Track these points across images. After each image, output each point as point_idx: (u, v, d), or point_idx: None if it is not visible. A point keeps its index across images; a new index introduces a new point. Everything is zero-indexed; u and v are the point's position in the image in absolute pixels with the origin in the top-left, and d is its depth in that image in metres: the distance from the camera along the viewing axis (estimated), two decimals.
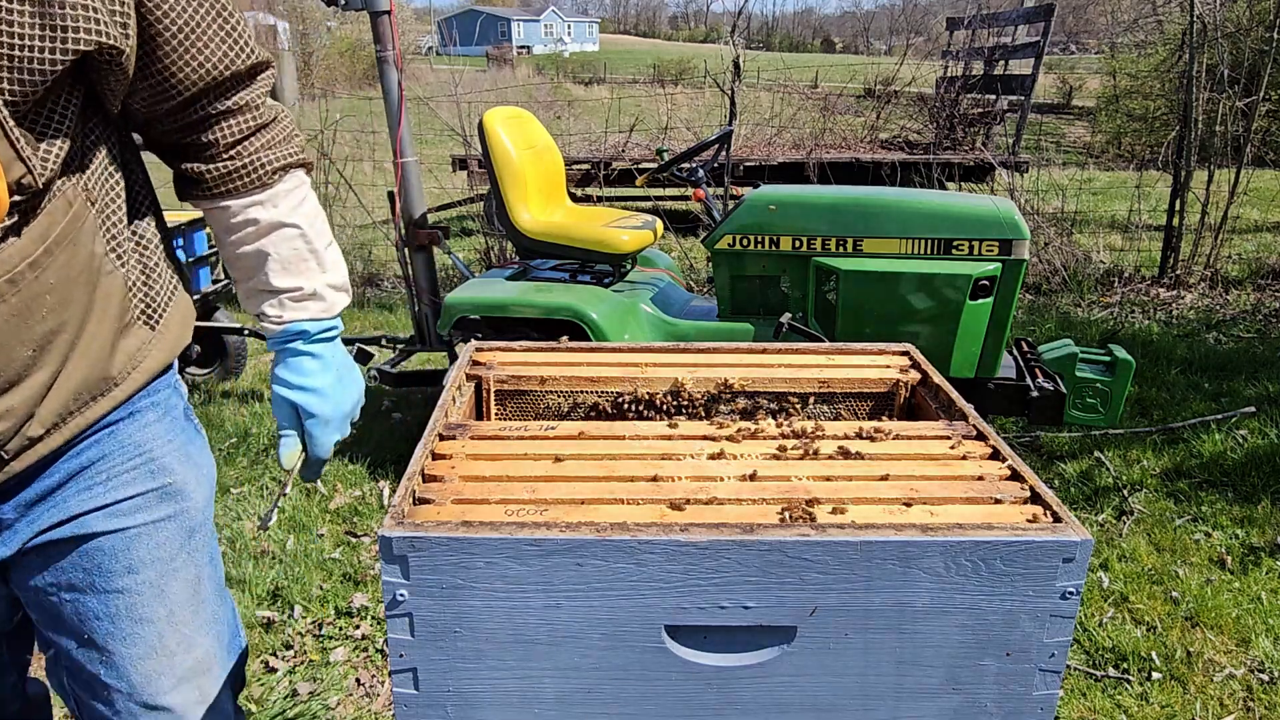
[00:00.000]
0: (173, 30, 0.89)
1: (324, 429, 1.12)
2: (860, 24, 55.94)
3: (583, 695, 0.79)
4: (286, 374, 1.09)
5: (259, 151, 1.02)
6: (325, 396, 1.10)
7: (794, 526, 0.76)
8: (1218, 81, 5.83)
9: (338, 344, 1.13)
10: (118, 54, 0.84)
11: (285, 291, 1.06)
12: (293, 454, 1.11)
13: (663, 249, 4.69)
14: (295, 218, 1.06)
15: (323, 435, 1.12)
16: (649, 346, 1.25)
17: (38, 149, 0.82)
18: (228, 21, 0.94)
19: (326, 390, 1.10)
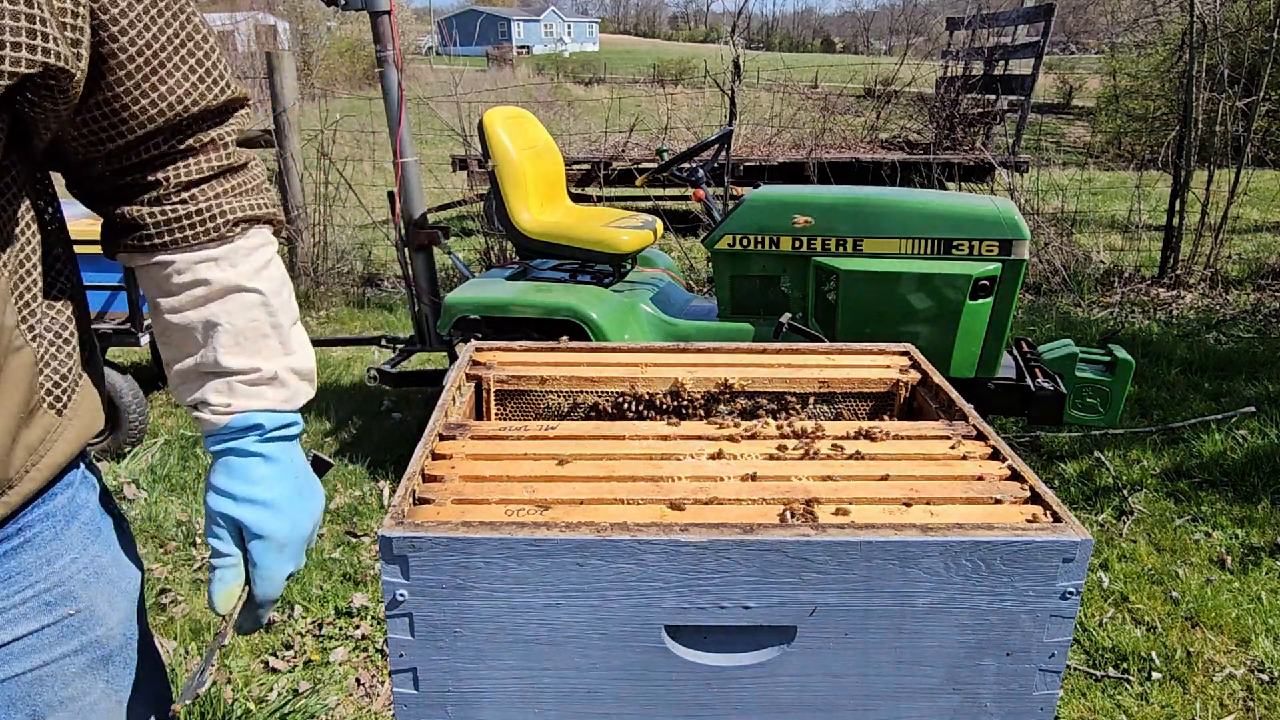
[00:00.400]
0: (132, 53, 0.72)
1: (276, 556, 0.85)
2: (860, 24, 55.90)
3: (583, 695, 0.79)
4: (229, 482, 0.84)
5: (220, 198, 0.82)
6: (280, 512, 0.85)
7: (794, 526, 0.76)
8: (1218, 81, 5.83)
9: (296, 446, 0.89)
10: (65, 78, 0.68)
11: (237, 373, 0.83)
12: (231, 591, 0.85)
13: (663, 249, 4.70)
14: (257, 282, 0.83)
15: (274, 565, 0.86)
16: (649, 346, 1.25)
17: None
18: (200, 47, 0.78)
19: (281, 504, 0.85)
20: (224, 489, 0.84)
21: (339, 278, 6.02)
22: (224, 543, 0.84)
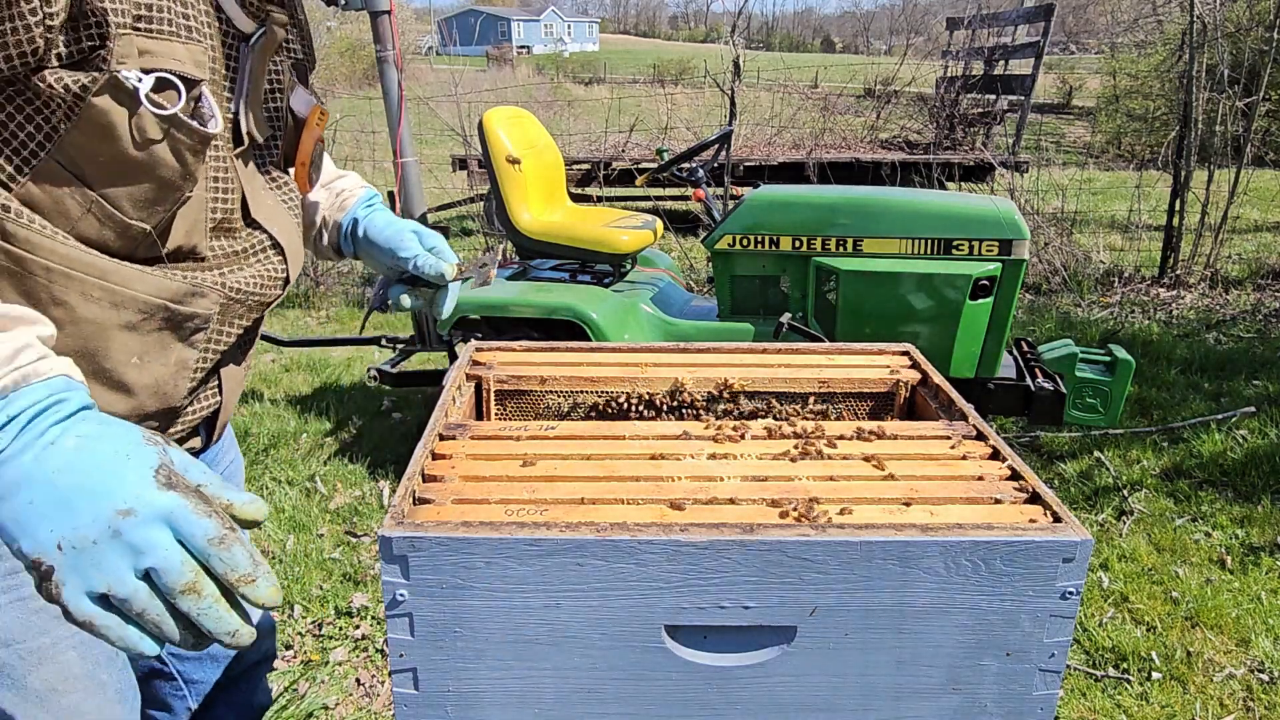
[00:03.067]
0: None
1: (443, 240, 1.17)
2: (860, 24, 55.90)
3: (583, 695, 0.79)
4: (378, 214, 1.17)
5: None
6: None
7: (794, 526, 0.76)
8: (1218, 81, 5.83)
9: None
10: None
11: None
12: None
13: (663, 249, 4.70)
14: None
15: (444, 244, 1.17)
16: (649, 346, 1.25)
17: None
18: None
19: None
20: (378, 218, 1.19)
21: (339, 278, 6.02)
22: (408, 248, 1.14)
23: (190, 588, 0.60)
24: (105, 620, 0.60)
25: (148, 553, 0.60)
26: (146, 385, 0.89)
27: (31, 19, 0.69)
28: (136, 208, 0.82)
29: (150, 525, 0.60)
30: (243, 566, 0.61)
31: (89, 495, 0.60)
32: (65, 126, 0.76)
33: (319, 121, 1.02)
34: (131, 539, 0.59)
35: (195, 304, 0.89)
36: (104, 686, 0.96)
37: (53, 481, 0.60)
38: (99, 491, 0.60)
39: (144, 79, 0.76)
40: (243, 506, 0.65)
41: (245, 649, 1.23)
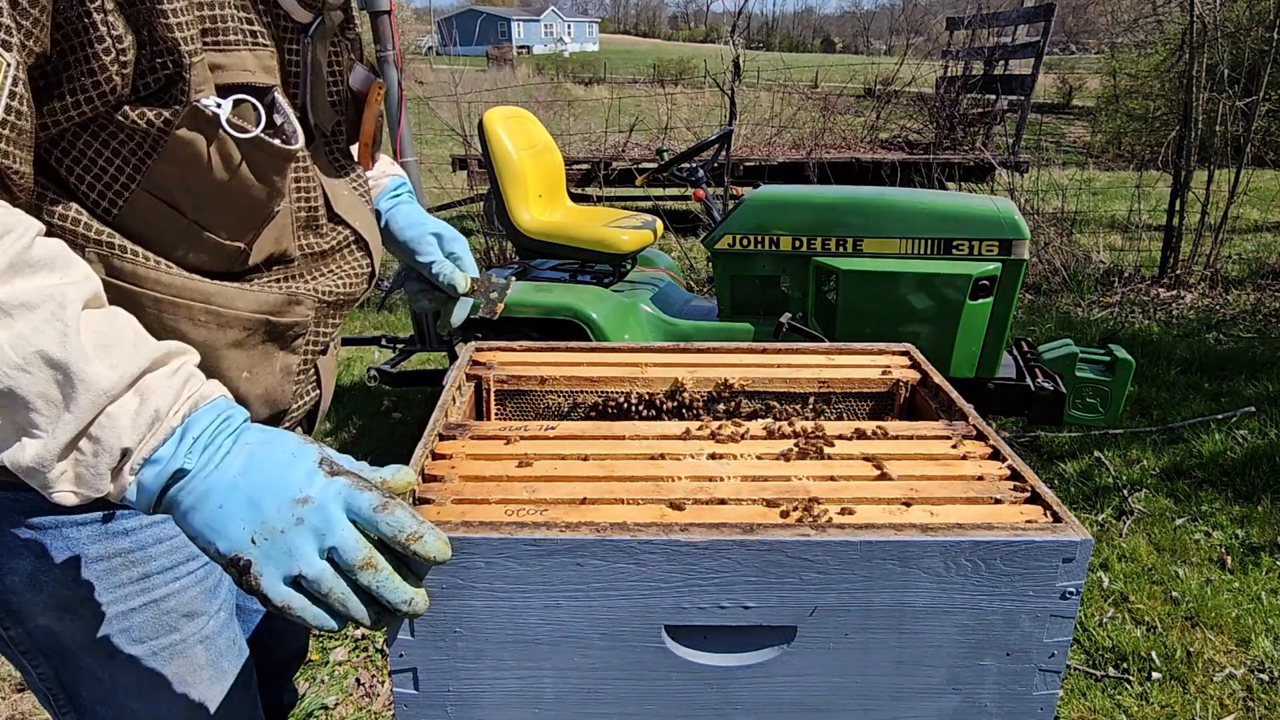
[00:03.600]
0: None
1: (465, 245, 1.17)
2: (860, 24, 55.89)
3: (582, 695, 0.79)
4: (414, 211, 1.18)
5: None
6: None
7: (794, 526, 0.76)
8: (1218, 81, 5.83)
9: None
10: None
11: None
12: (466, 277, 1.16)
13: (663, 249, 4.70)
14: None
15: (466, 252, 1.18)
16: (649, 346, 1.25)
17: None
18: None
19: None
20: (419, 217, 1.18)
21: None
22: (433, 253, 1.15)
23: (367, 563, 0.67)
24: (299, 602, 0.67)
25: (328, 533, 0.67)
26: (258, 395, 0.93)
27: (106, 58, 0.71)
28: (230, 229, 0.85)
29: (326, 507, 0.67)
30: (409, 526, 0.68)
31: (270, 491, 0.67)
32: (153, 159, 0.77)
33: (377, 97, 1.02)
34: (313, 521, 0.67)
35: (294, 313, 0.92)
36: (226, 674, 1.05)
37: (236, 485, 0.68)
38: (278, 486, 0.67)
39: (222, 104, 0.78)
40: (393, 479, 0.73)
41: (279, 644, 1.30)
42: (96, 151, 0.77)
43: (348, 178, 1.03)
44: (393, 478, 0.74)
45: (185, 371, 0.72)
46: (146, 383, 0.69)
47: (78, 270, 0.69)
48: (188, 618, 0.99)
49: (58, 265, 0.68)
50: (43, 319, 0.64)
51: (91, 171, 0.77)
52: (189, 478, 0.68)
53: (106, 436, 0.66)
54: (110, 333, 0.68)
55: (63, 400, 0.65)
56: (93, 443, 0.67)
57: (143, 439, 0.67)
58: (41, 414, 0.65)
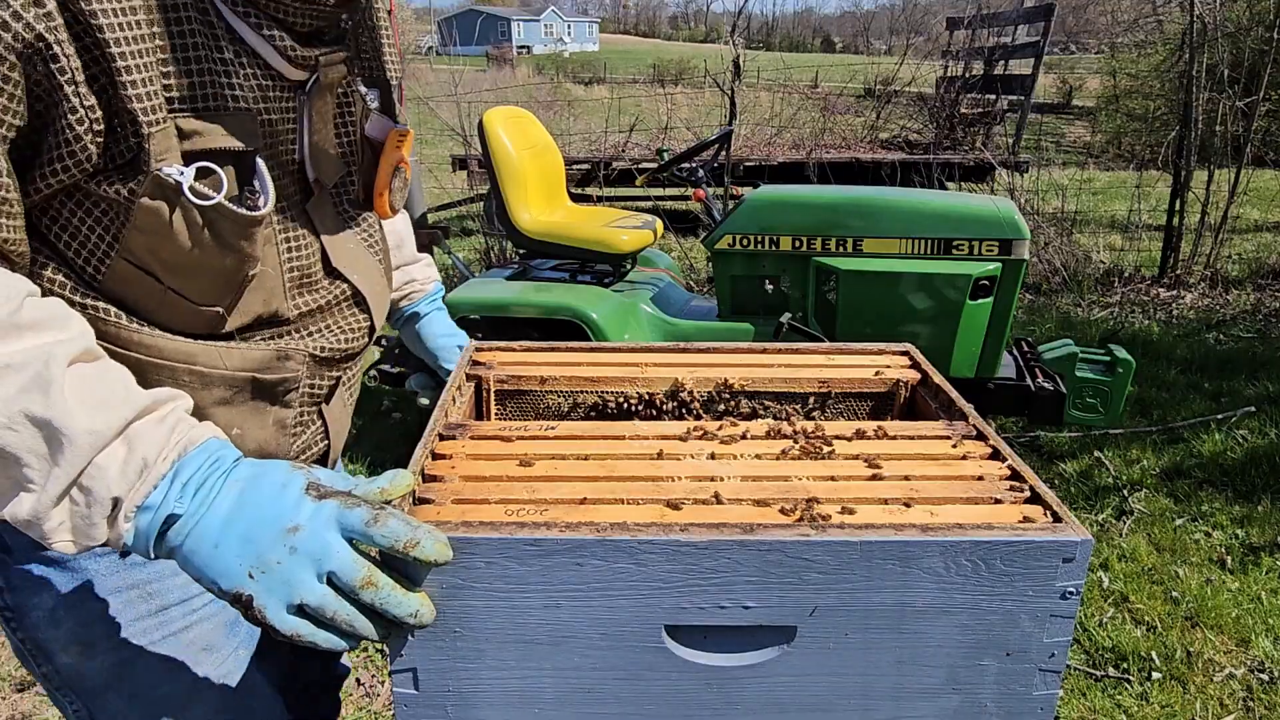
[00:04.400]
0: None
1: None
2: (860, 24, 55.89)
3: (582, 695, 0.79)
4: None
5: None
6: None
7: (794, 526, 0.76)
8: (1218, 81, 5.83)
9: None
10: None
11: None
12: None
13: (663, 249, 4.69)
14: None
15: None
16: (649, 346, 1.25)
17: None
18: None
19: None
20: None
21: None
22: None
23: (367, 581, 0.67)
24: (308, 629, 0.68)
25: (324, 557, 0.67)
26: (252, 451, 0.93)
27: (80, 128, 0.73)
28: (203, 294, 0.85)
29: (319, 533, 0.67)
30: (404, 534, 0.67)
31: (261, 524, 0.68)
32: (125, 228, 0.79)
33: (398, 144, 1.01)
34: (307, 549, 0.67)
35: (283, 368, 0.93)
36: (252, 712, 1.05)
37: (230, 523, 0.68)
38: (268, 519, 0.68)
39: (185, 172, 0.78)
40: (391, 485, 0.74)
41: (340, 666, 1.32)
42: (80, 219, 0.79)
43: (354, 229, 1.02)
44: (390, 484, 0.74)
45: (174, 418, 0.72)
46: (134, 430, 0.70)
47: (71, 328, 0.71)
48: (206, 651, 0.99)
49: (49, 325, 0.69)
50: (28, 379, 0.66)
51: (77, 238, 0.80)
52: (182, 522, 0.69)
53: (97, 487, 0.67)
54: (98, 386, 0.69)
55: (50, 455, 0.66)
56: (84, 493, 0.68)
57: (132, 487, 0.68)
58: (33, 468, 0.66)
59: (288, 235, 0.91)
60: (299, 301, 0.94)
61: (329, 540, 0.67)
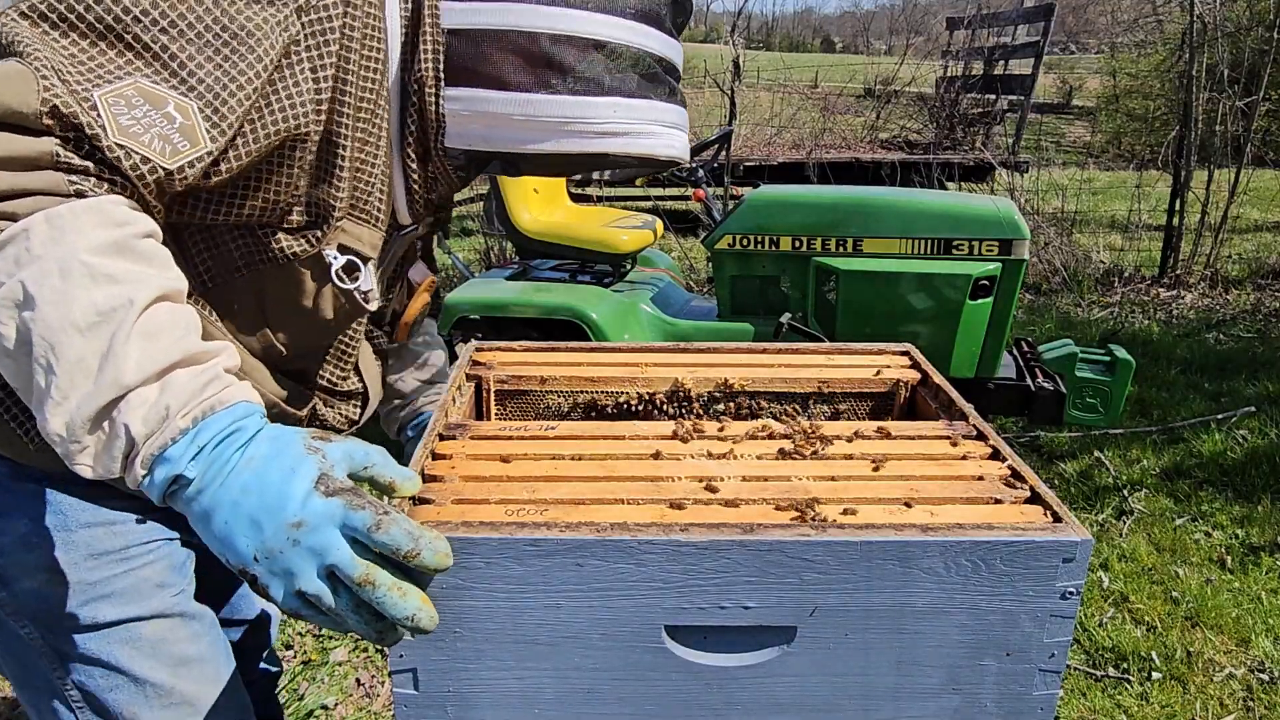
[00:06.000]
0: None
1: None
2: (860, 24, 55.86)
3: (582, 695, 0.78)
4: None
5: None
6: None
7: (794, 526, 0.76)
8: (1218, 81, 5.83)
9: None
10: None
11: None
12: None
13: (663, 249, 4.69)
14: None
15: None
16: (649, 346, 1.25)
17: None
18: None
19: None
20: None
21: None
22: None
23: (365, 579, 0.68)
24: (309, 612, 0.70)
25: (325, 553, 0.68)
26: None
27: (284, 187, 0.89)
28: (289, 337, 1.00)
29: (320, 530, 0.68)
30: (404, 544, 0.68)
31: (268, 512, 0.69)
32: (266, 266, 0.93)
33: (428, 287, 1.18)
34: (309, 543, 0.68)
35: (287, 413, 1.05)
36: (200, 638, 1.11)
37: (238, 503, 0.69)
38: (274, 508, 0.69)
39: (338, 259, 0.95)
40: (401, 484, 0.75)
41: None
42: (227, 240, 0.91)
43: (373, 343, 1.17)
44: (400, 483, 0.75)
45: (210, 372, 0.73)
46: (173, 377, 0.71)
47: (172, 271, 0.76)
48: (160, 587, 1.06)
49: (156, 261, 0.75)
50: (117, 293, 0.70)
51: (212, 251, 0.92)
52: (192, 487, 0.70)
53: (121, 422, 0.69)
54: (166, 323, 0.73)
55: (96, 373, 0.69)
56: (111, 425, 0.70)
57: (152, 434, 0.70)
58: (76, 382, 0.69)
59: (354, 329, 1.07)
60: (325, 374, 1.09)
61: (330, 537, 0.68)
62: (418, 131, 0.97)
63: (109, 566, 1.02)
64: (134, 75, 0.76)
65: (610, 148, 0.94)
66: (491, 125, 0.94)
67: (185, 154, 0.77)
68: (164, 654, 1.07)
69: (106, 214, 0.72)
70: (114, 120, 0.74)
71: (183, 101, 0.78)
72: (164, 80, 0.77)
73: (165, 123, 0.76)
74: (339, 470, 0.72)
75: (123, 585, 1.03)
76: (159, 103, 0.76)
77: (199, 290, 0.92)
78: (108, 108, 0.74)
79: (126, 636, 1.04)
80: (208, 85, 0.79)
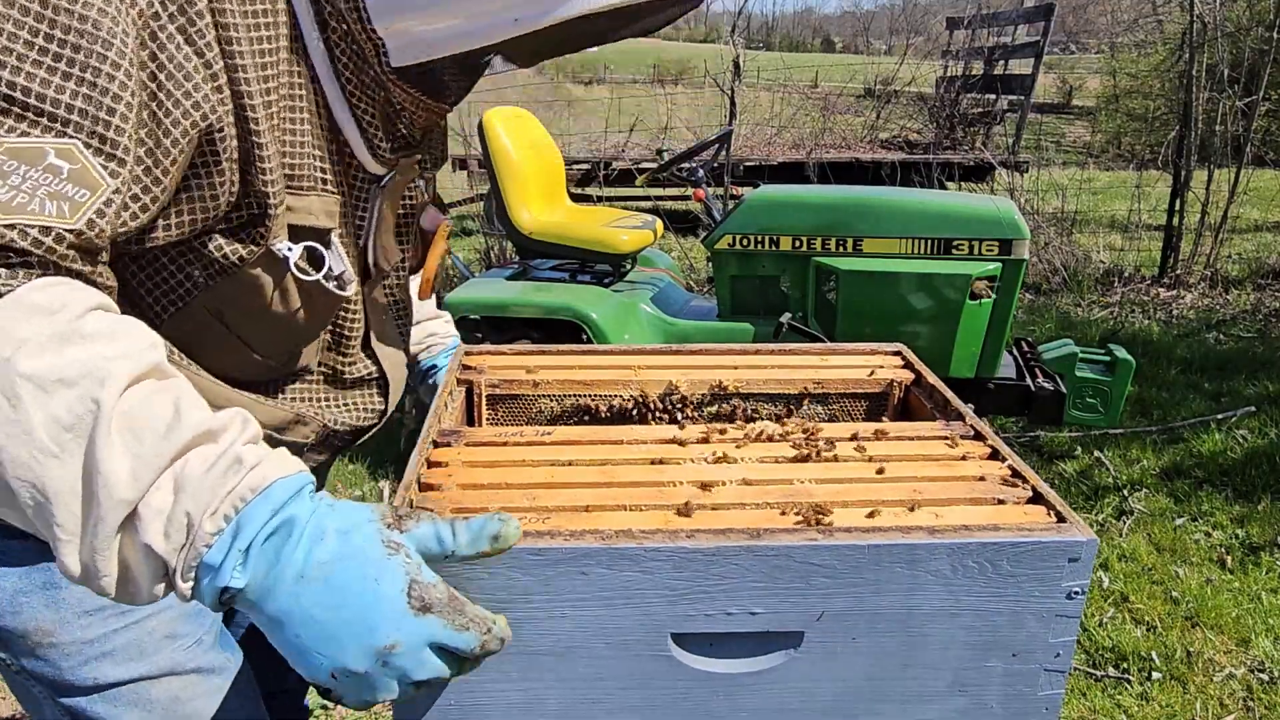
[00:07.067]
0: None
1: None
2: (860, 24, 55.78)
3: (588, 705, 0.78)
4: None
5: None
6: None
7: (801, 531, 0.76)
8: (1218, 81, 5.82)
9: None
10: None
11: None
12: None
13: (663, 249, 4.69)
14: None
15: None
16: (641, 349, 1.24)
17: None
18: None
19: None
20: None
21: None
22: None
23: (445, 681, 0.67)
24: (376, 705, 0.65)
25: (415, 672, 0.63)
26: None
27: (221, 199, 0.78)
28: (266, 347, 0.90)
29: (414, 652, 0.63)
30: (495, 650, 0.67)
31: (351, 631, 0.61)
32: (217, 281, 0.82)
33: (444, 234, 1.06)
34: (399, 665, 0.62)
35: (295, 432, 0.97)
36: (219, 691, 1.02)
37: (312, 616, 0.61)
38: (359, 628, 0.61)
39: (293, 249, 0.84)
40: (505, 531, 0.67)
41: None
42: (167, 263, 0.81)
43: (394, 313, 1.07)
44: (493, 544, 0.67)
45: (228, 457, 0.63)
46: (184, 474, 0.61)
47: (136, 339, 0.64)
48: (169, 639, 0.96)
49: (114, 337, 0.62)
50: (76, 397, 0.58)
51: (154, 278, 0.82)
52: (248, 593, 0.62)
53: (142, 542, 0.60)
54: (149, 410, 0.62)
55: (92, 497, 0.59)
56: (132, 548, 0.61)
57: (181, 547, 0.61)
58: (71, 513, 0.59)
59: (345, 309, 0.97)
60: (324, 359, 0.99)
61: (423, 659, 0.63)
62: (354, 65, 0.82)
63: (105, 622, 0.91)
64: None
65: (573, 9, 0.73)
66: (432, 25, 0.78)
67: (87, 204, 0.64)
68: (178, 715, 0.97)
69: (30, 306, 0.60)
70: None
71: (62, 144, 0.64)
72: (28, 127, 0.63)
73: (51, 177, 0.63)
74: (426, 571, 0.64)
75: (123, 641, 0.93)
76: (36, 158, 0.63)
77: (155, 325, 0.78)
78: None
79: (134, 698, 0.94)
80: (80, 111, 0.64)
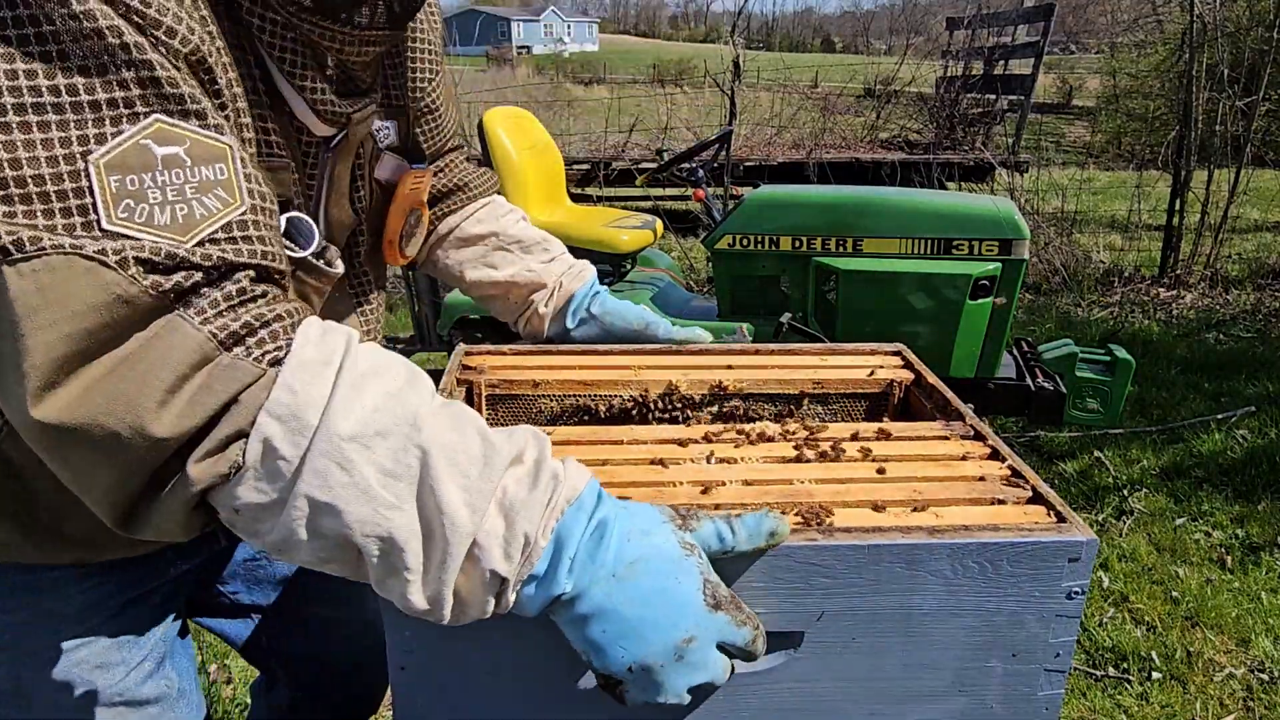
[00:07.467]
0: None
1: None
2: (860, 24, 55.88)
3: (586, 707, 0.78)
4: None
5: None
6: None
7: (801, 531, 0.76)
8: (1218, 81, 5.83)
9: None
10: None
11: None
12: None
13: (663, 249, 4.69)
14: None
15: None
16: (641, 349, 1.24)
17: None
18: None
19: None
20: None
21: None
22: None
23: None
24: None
25: (702, 669, 0.67)
26: None
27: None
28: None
29: (705, 647, 0.67)
30: (761, 651, 0.70)
31: (656, 627, 0.65)
32: None
33: (414, 186, 0.97)
34: (691, 659, 0.66)
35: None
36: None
37: (621, 613, 0.65)
38: (664, 624, 0.65)
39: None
40: (779, 528, 0.71)
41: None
42: None
43: (353, 293, 0.99)
44: (768, 540, 0.71)
45: (544, 478, 0.66)
46: (510, 497, 0.65)
47: (398, 364, 0.66)
48: (100, 669, 0.90)
49: (384, 369, 0.64)
50: (399, 446, 0.61)
51: None
52: (565, 596, 0.66)
53: (485, 567, 0.64)
54: (459, 436, 0.64)
55: (436, 536, 0.62)
56: (475, 573, 0.64)
57: (518, 568, 0.64)
58: (416, 553, 0.62)
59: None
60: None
61: (710, 655, 0.67)
62: (263, 12, 0.73)
63: (40, 653, 0.86)
64: (151, 116, 0.61)
65: None
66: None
67: (226, 211, 0.63)
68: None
69: (311, 362, 0.61)
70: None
71: (214, 145, 0.64)
72: (179, 120, 0.62)
73: (205, 195, 0.62)
74: (712, 570, 0.69)
75: (54, 672, 0.87)
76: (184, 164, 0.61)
77: None
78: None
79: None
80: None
